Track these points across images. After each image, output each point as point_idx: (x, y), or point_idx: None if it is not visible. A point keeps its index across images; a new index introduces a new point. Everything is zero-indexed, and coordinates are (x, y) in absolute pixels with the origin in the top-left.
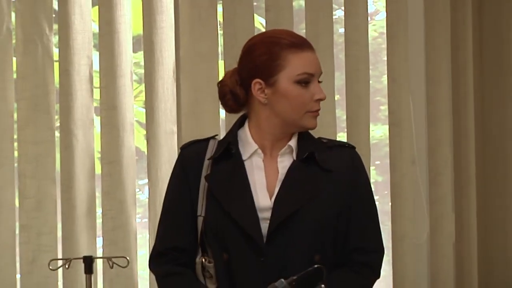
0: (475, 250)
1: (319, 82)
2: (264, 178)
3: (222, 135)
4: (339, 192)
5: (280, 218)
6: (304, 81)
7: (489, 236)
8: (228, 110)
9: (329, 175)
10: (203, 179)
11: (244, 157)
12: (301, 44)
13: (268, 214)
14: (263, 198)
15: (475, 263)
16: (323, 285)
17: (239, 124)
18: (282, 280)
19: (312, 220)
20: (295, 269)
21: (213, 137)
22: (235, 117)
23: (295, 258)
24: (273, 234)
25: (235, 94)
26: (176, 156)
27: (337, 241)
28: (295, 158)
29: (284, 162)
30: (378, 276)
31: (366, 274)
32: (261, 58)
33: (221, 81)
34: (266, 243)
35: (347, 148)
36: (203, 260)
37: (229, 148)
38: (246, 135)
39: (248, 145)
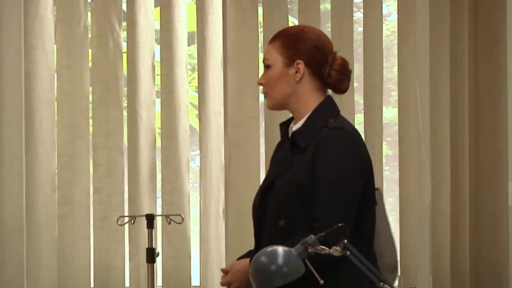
0: (467, 210)
1: (267, 67)
2: None
3: (260, 116)
4: (304, 167)
5: (261, 189)
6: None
7: (479, 199)
8: None
9: (303, 152)
10: None
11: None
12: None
13: None
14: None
15: (467, 220)
16: (345, 240)
17: None
18: (312, 236)
19: (278, 191)
20: (267, 231)
21: None
22: None
23: (266, 222)
24: (260, 202)
25: None
26: (223, 132)
27: (308, 209)
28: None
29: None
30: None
31: (339, 235)
32: None
33: None
34: (257, 209)
35: (326, 128)
36: None
37: (281, 129)
38: None
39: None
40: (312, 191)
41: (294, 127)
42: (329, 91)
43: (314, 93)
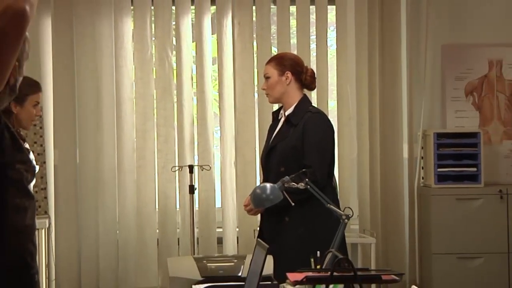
0: (378, 161)
1: (267, 78)
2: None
3: (255, 107)
4: (296, 136)
5: (266, 150)
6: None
7: (386, 154)
8: None
9: (294, 127)
10: None
11: (279, 118)
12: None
13: None
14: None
15: (378, 168)
16: (307, 179)
17: None
18: (287, 176)
19: (279, 150)
20: (272, 175)
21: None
22: (264, 98)
23: (271, 169)
24: (266, 158)
25: None
26: (233, 116)
27: (300, 161)
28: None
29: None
30: (311, 178)
31: (303, 177)
32: None
33: None
34: (265, 162)
35: (309, 112)
36: None
37: (273, 115)
38: None
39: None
40: (302, 151)
41: (287, 112)
42: (305, 90)
43: (297, 91)
